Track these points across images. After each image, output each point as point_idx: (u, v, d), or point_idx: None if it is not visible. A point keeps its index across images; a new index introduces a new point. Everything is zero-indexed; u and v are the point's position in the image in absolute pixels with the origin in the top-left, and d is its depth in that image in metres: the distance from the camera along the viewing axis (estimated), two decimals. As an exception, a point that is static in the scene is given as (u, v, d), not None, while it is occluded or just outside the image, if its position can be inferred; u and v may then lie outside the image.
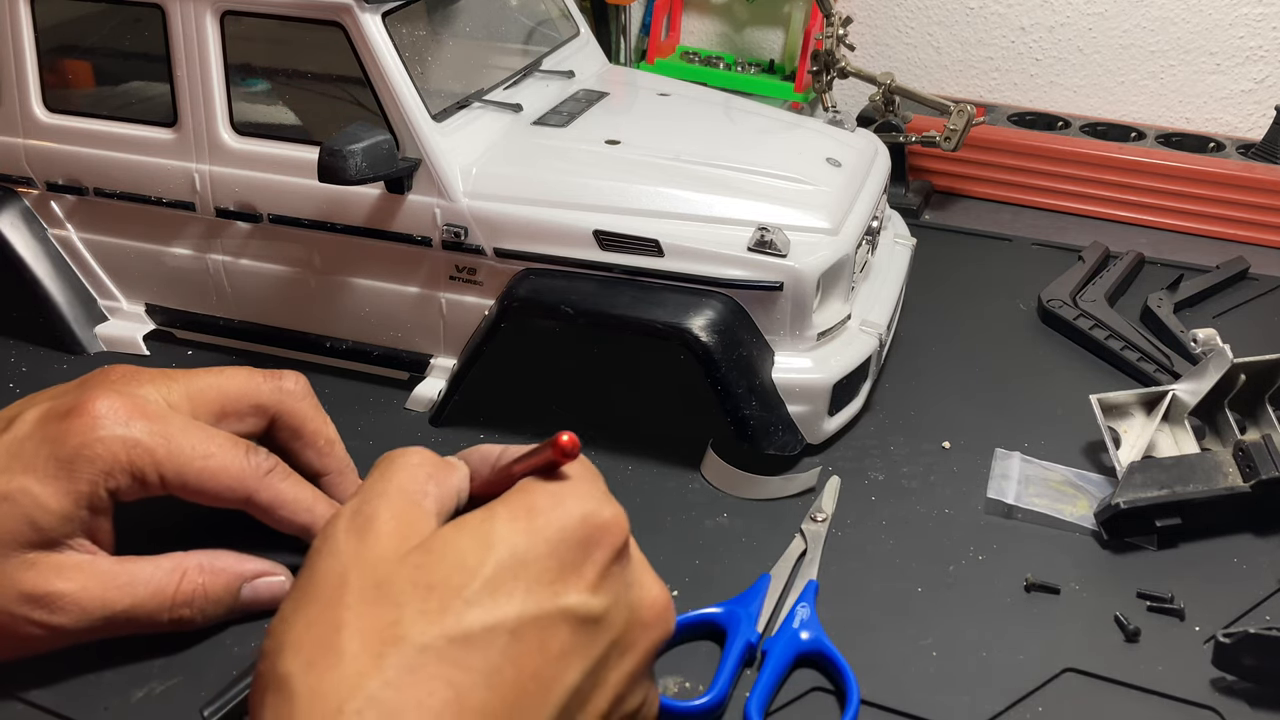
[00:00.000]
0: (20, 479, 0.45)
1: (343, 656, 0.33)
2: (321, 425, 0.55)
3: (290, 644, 0.35)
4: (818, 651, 0.51)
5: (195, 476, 0.48)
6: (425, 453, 0.43)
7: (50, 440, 0.45)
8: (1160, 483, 0.58)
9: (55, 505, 0.45)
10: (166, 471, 0.47)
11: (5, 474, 0.45)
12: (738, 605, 0.53)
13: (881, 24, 1.13)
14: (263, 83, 0.69)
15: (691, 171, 0.66)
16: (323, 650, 0.34)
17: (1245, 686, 0.50)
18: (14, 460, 0.45)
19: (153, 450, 0.47)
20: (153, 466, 0.47)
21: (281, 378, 0.53)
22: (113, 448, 0.46)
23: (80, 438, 0.45)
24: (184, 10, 0.65)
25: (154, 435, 0.47)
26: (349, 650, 0.33)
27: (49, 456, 0.45)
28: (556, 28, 0.81)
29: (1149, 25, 1.04)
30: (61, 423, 0.46)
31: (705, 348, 0.60)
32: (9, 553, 0.45)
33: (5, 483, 0.45)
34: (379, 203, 0.65)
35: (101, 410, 0.46)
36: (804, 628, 0.52)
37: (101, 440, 0.46)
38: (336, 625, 0.34)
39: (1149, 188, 0.95)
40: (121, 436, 0.46)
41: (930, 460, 0.65)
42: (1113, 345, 0.75)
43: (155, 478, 0.47)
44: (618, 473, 0.64)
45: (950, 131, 0.90)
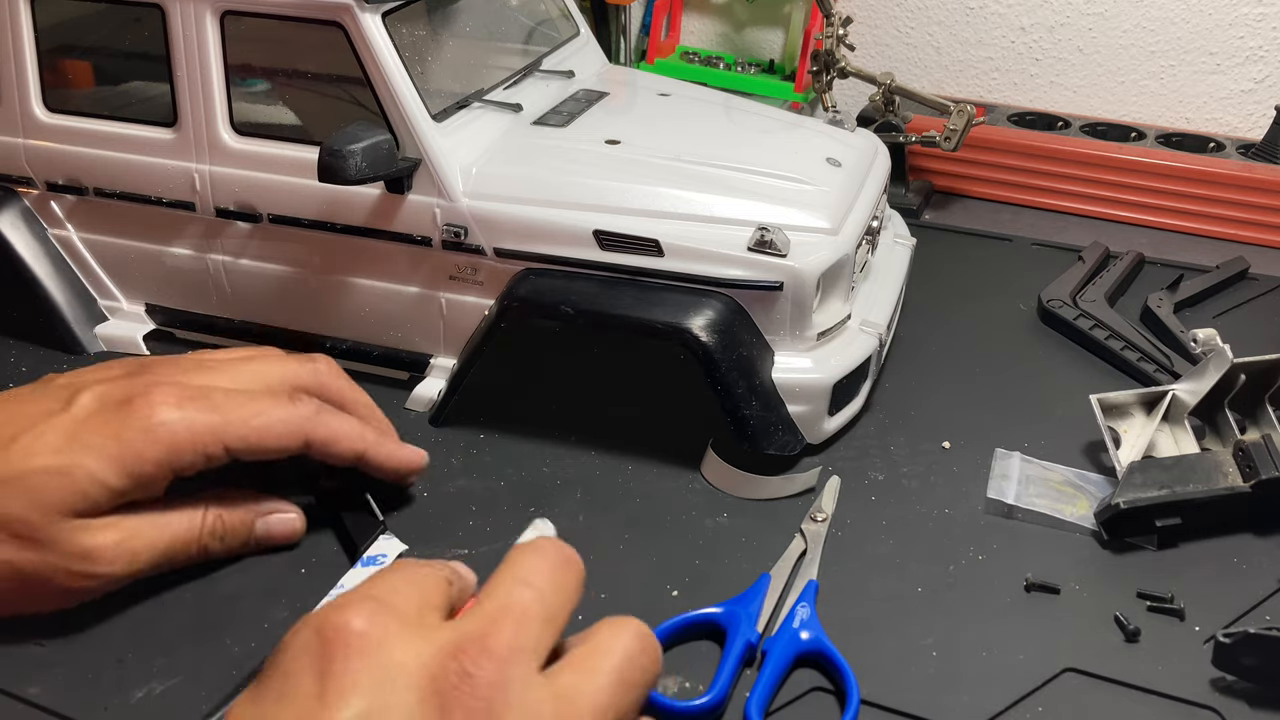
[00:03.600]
0: (79, 457, 0.48)
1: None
2: (359, 394, 0.59)
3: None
4: (818, 651, 0.51)
5: (256, 435, 0.52)
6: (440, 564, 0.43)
7: (112, 424, 0.49)
8: (1160, 483, 0.58)
9: (114, 483, 0.48)
10: (229, 440, 0.51)
11: (65, 452, 0.48)
12: (738, 605, 0.53)
13: (881, 24, 1.13)
14: (263, 83, 0.69)
15: (691, 171, 0.66)
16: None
17: (1245, 686, 0.50)
18: (74, 440, 0.48)
19: (211, 425, 0.51)
20: (215, 440, 0.51)
21: (315, 360, 0.57)
22: (175, 430, 0.50)
23: (143, 423, 0.49)
24: (184, 10, 0.65)
25: (208, 412, 0.51)
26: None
27: (114, 441, 0.48)
28: (556, 28, 0.81)
29: (1149, 25, 1.04)
30: (120, 410, 0.49)
31: (705, 348, 0.60)
32: (59, 519, 0.48)
33: (64, 459, 0.48)
34: (379, 203, 0.65)
35: (157, 399, 0.50)
36: (804, 627, 0.52)
37: (164, 424, 0.49)
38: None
39: (1149, 188, 0.95)
40: (180, 419, 0.50)
41: (930, 460, 0.65)
42: (1113, 345, 0.75)
43: (219, 449, 0.51)
44: (618, 473, 0.64)
45: (950, 131, 0.90)
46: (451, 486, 0.63)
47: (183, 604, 0.54)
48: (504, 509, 0.61)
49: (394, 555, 0.55)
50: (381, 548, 0.55)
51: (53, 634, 0.52)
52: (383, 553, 0.55)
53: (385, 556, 0.55)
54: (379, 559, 0.55)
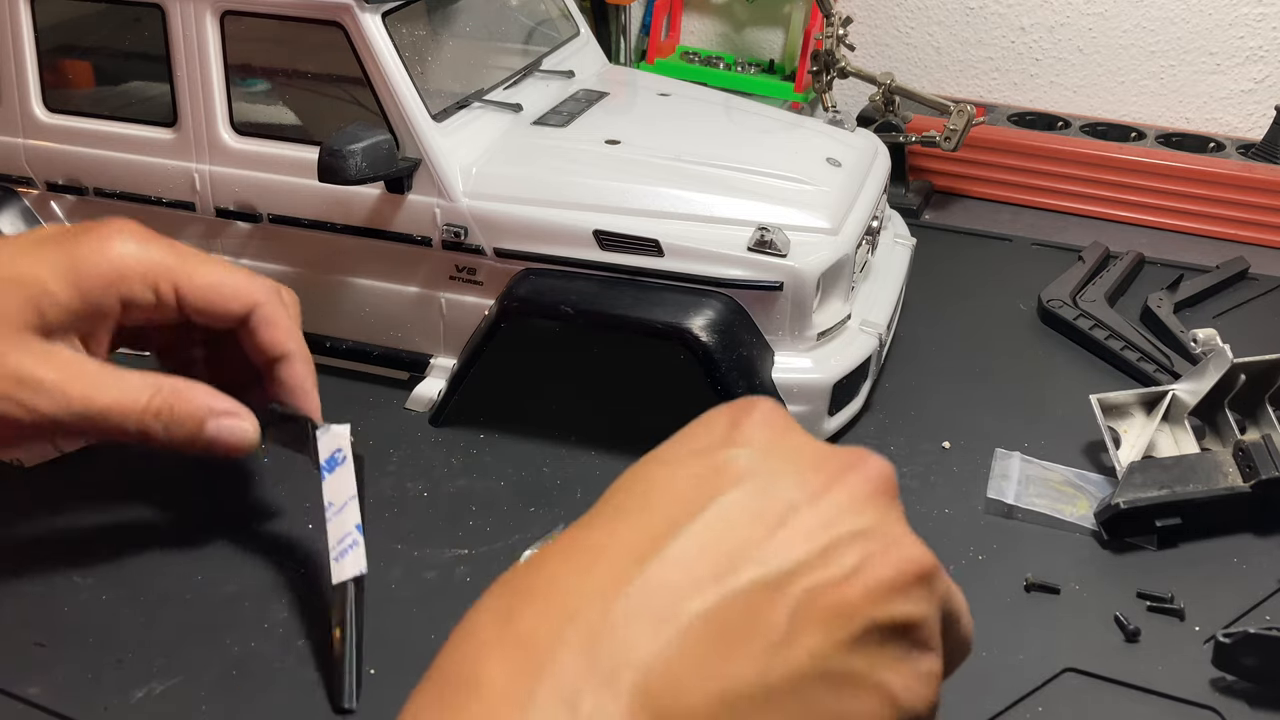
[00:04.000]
0: (34, 268, 0.48)
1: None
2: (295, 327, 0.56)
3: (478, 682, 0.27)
4: None
5: (208, 286, 0.51)
6: None
7: (69, 244, 0.48)
8: (1160, 483, 0.58)
9: (64, 298, 0.48)
10: (180, 280, 0.50)
11: (18, 261, 0.48)
12: None
13: (881, 24, 1.13)
14: (263, 83, 0.69)
15: (691, 171, 0.66)
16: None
17: (1245, 686, 0.50)
18: (29, 253, 0.48)
19: (166, 263, 0.50)
20: (167, 277, 0.50)
21: (281, 290, 0.55)
22: (129, 260, 0.49)
23: (100, 245, 0.49)
24: (184, 10, 0.65)
25: (166, 251, 0.50)
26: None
27: (67, 256, 0.48)
28: (556, 28, 0.81)
29: (1149, 25, 1.04)
30: (81, 234, 0.49)
31: (705, 348, 0.60)
32: (6, 331, 0.47)
33: (18, 268, 0.47)
34: (379, 203, 0.65)
35: (121, 228, 0.50)
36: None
37: (121, 254, 0.49)
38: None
39: (1149, 188, 0.95)
40: (139, 250, 0.50)
41: (930, 460, 0.65)
42: (1113, 345, 0.75)
43: (170, 290, 0.50)
44: (618, 473, 0.64)
45: (950, 131, 0.90)
46: (451, 486, 0.63)
47: (183, 604, 0.54)
48: (504, 509, 0.61)
49: (347, 445, 0.52)
50: (331, 445, 0.52)
51: (53, 634, 0.52)
52: (337, 449, 0.52)
53: (341, 451, 0.51)
54: (337, 457, 0.52)
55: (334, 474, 0.50)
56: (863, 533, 0.30)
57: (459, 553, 0.58)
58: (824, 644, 0.28)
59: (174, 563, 0.57)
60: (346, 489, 0.47)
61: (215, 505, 0.61)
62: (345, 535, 0.48)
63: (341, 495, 0.49)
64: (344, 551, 0.47)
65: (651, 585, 0.28)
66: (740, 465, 0.31)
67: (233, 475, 0.63)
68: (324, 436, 0.51)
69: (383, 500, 0.61)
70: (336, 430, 0.51)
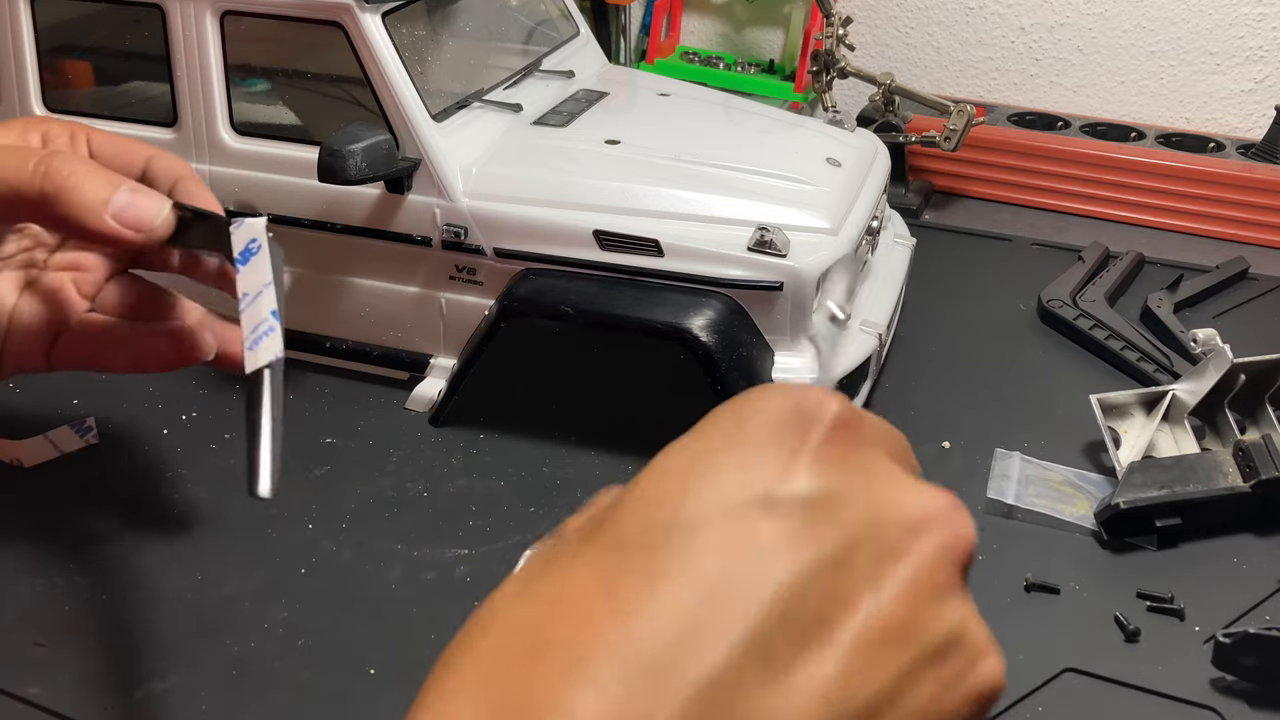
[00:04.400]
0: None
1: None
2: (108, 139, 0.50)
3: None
4: None
5: (112, 138, 0.47)
6: None
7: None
8: (1160, 483, 0.58)
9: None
10: (91, 135, 0.47)
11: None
12: None
13: (881, 24, 1.13)
14: (263, 83, 0.69)
15: (691, 171, 0.66)
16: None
17: (1245, 686, 0.50)
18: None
19: (80, 125, 0.46)
20: (81, 132, 0.47)
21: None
22: (49, 117, 0.48)
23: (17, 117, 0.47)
24: (184, 10, 0.65)
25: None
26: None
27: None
28: (556, 28, 0.81)
29: (1149, 25, 1.04)
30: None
31: (705, 348, 0.60)
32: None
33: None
34: (379, 203, 0.65)
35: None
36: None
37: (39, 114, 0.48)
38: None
39: (1149, 188, 0.95)
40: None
41: (930, 460, 0.65)
42: (1113, 345, 0.75)
43: (83, 140, 0.47)
44: (618, 473, 0.64)
45: (950, 131, 0.90)
46: (451, 486, 0.63)
47: (183, 604, 0.54)
48: (504, 509, 0.61)
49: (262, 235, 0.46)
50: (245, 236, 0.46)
51: (53, 634, 0.52)
52: (251, 239, 0.47)
53: (256, 241, 0.47)
54: (251, 248, 0.47)
55: (248, 264, 0.46)
56: (945, 649, 0.27)
57: (459, 553, 0.58)
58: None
59: (174, 563, 0.57)
60: (262, 277, 0.44)
61: (215, 505, 0.61)
62: (260, 322, 0.44)
63: (256, 284, 0.45)
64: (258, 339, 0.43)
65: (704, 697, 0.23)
66: (800, 524, 0.26)
67: (233, 475, 0.63)
68: (239, 230, 0.47)
69: (383, 500, 0.61)
70: (252, 222, 0.47)
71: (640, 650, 0.23)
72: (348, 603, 0.55)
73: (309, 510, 0.60)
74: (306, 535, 0.58)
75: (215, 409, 0.68)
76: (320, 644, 0.52)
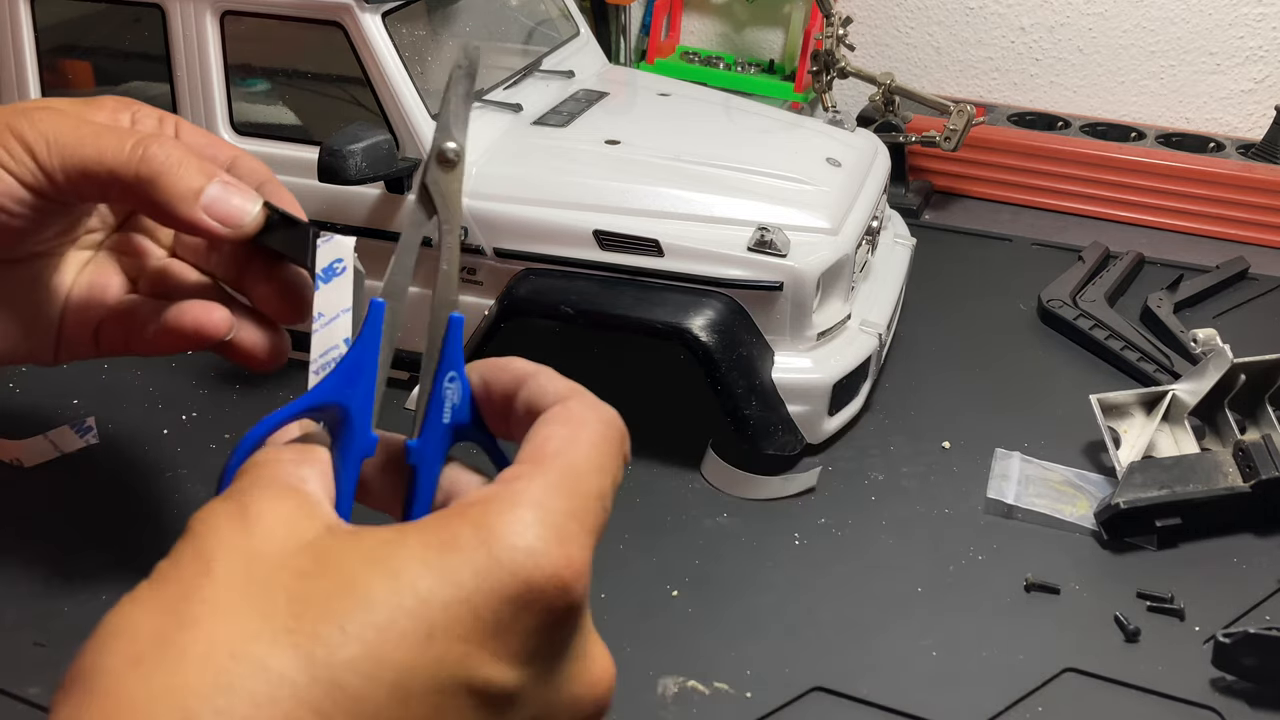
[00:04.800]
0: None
1: (180, 660, 0.26)
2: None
3: (122, 631, 0.27)
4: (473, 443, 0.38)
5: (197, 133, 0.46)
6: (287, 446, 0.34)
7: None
8: (1160, 483, 0.58)
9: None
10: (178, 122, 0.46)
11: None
12: (347, 382, 0.37)
13: (881, 24, 1.13)
14: (263, 83, 0.69)
15: (691, 171, 0.66)
16: (157, 646, 0.26)
17: (1245, 686, 0.50)
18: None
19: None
20: (170, 119, 0.46)
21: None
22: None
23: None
24: (184, 10, 0.65)
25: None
26: (190, 654, 0.25)
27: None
28: (556, 28, 0.81)
29: (1149, 25, 1.04)
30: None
31: (705, 348, 0.60)
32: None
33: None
34: (379, 203, 0.65)
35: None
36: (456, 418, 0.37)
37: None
38: (183, 620, 0.26)
39: (1149, 188, 0.95)
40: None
41: (930, 460, 0.65)
42: (1113, 345, 0.75)
43: (171, 125, 0.46)
44: (618, 473, 0.64)
45: (950, 131, 0.90)
46: (451, 486, 0.63)
47: (183, 604, 0.54)
48: (504, 509, 0.61)
49: (349, 257, 0.45)
50: (331, 254, 0.45)
51: (53, 634, 0.52)
52: (337, 259, 0.45)
53: (342, 261, 0.45)
54: (336, 267, 0.45)
55: (330, 284, 0.45)
56: None
57: (459, 553, 0.58)
58: None
59: (174, 563, 0.57)
60: (341, 301, 0.43)
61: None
62: (332, 348, 0.43)
63: (334, 307, 0.44)
64: (327, 364, 0.42)
65: None
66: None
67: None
68: (325, 245, 0.46)
69: (383, 500, 0.61)
70: (340, 240, 0.46)
71: None
72: (348, 603, 0.54)
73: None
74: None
75: (215, 409, 0.68)
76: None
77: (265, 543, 0.28)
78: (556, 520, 0.28)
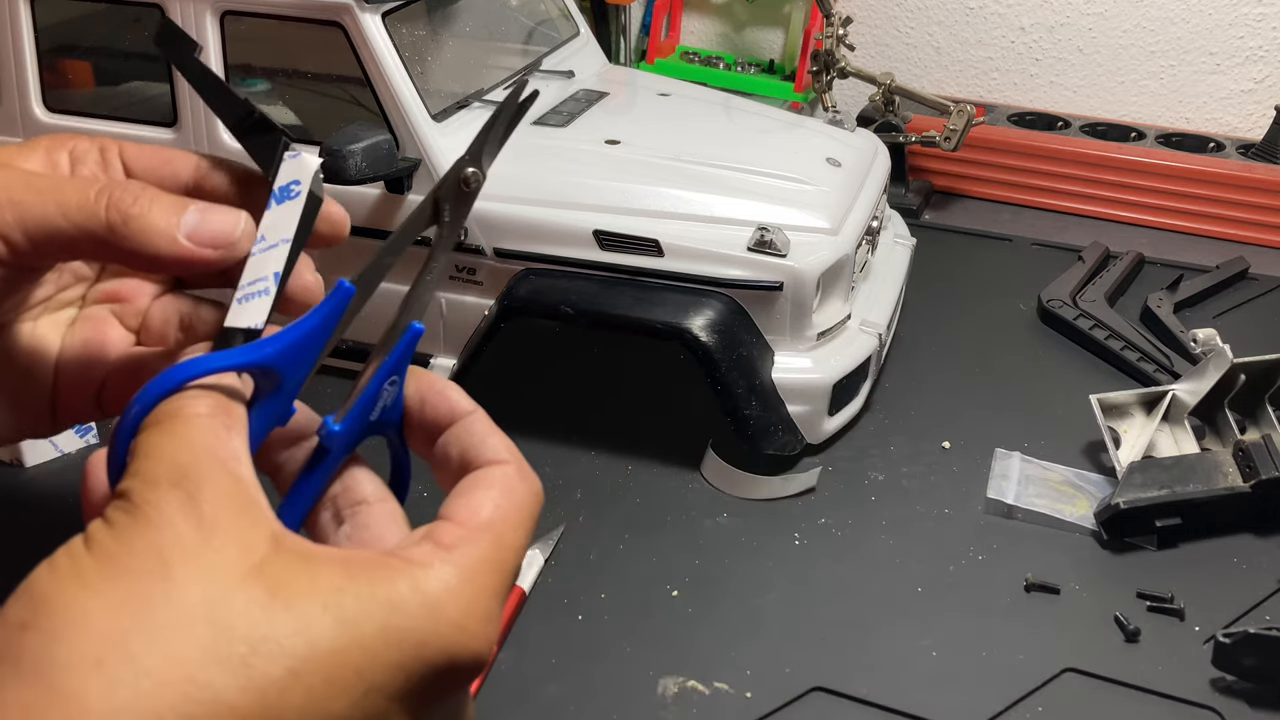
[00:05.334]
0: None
1: (145, 678, 0.25)
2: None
3: (76, 621, 0.26)
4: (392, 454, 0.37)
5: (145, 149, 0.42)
6: (203, 393, 0.32)
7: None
8: (1160, 483, 0.58)
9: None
10: (123, 149, 0.42)
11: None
12: (295, 352, 0.36)
13: (881, 24, 1.13)
14: (263, 83, 0.69)
15: (691, 171, 0.66)
16: (121, 656, 0.26)
17: (1245, 686, 0.50)
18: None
19: (111, 140, 0.41)
20: (113, 147, 0.42)
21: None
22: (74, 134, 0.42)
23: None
24: (184, 10, 0.65)
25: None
26: (155, 674, 0.25)
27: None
28: (556, 28, 0.81)
29: (1149, 25, 1.04)
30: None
31: (705, 348, 0.60)
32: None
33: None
34: (379, 203, 0.65)
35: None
36: (382, 418, 0.36)
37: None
38: (145, 631, 0.26)
39: (1149, 188, 0.95)
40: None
41: (930, 460, 0.65)
42: (1113, 345, 0.75)
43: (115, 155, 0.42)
44: (618, 473, 0.64)
45: (950, 131, 0.90)
46: (451, 486, 0.63)
47: (183, 604, 0.54)
48: (504, 509, 0.61)
49: (307, 180, 0.43)
50: (292, 173, 0.42)
51: (53, 634, 0.52)
52: (294, 179, 0.43)
53: (299, 184, 0.43)
54: (292, 189, 0.43)
55: (281, 206, 0.42)
56: None
57: (459, 553, 0.58)
58: None
59: (174, 563, 0.57)
60: (285, 228, 0.40)
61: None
62: (259, 279, 0.40)
63: (276, 233, 0.41)
64: (249, 296, 0.39)
65: None
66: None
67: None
68: (290, 160, 0.43)
69: (383, 500, 0.61)
70: (305, 160, 0.42)
71: None
72: (348, 603, 0.55)
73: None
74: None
75: (215, 409, 0.68)
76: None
77: (221, 554, 0.28)
78: (487, 601, 0.30)
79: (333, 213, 0.43)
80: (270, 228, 0.41)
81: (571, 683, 0.50)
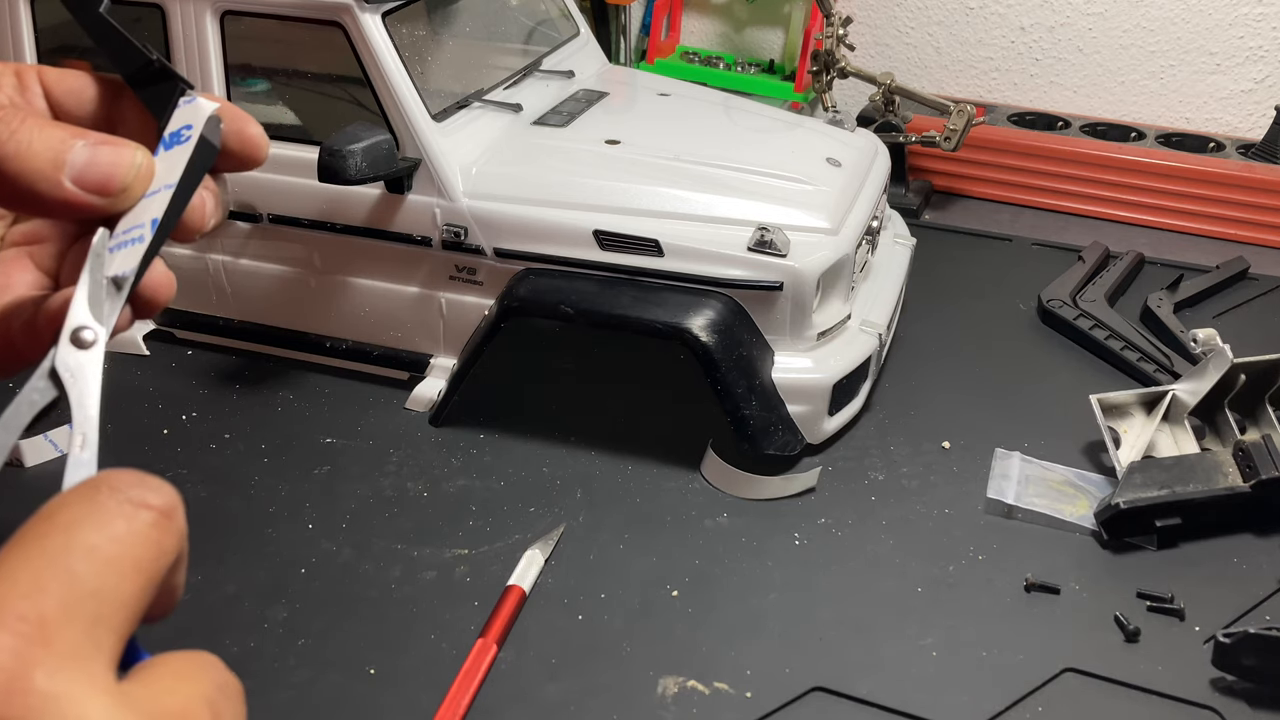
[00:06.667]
0: None
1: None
2: None
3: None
4: None
5: (59, 72, 0.38)
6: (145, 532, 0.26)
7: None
8: (1160, 483, 0.58)
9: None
10: (41, 71, 0.38)
11: None
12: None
13: (881, 24, 1.13)
14: (263, 83, 0.69)
15: (691, 171, 0.66)
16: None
17: (1245, 686, 0.50)
18: None
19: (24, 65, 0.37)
20: (29, 70, 0.38)
21: None
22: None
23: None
24: (184, 10, 0.65)
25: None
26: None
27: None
28: (556, 28, 0.81)
29: (1149, 25, 1.04)
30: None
31: (705, 348, 0.60)
32: None
33: None
34: (379, 203, 0.65)
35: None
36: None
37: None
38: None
39: (1149, 188, 0.95)
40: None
41: (930, 460, 0.65)
42: (1113, 345, 0.75)
43: (32, 78, 0.38)
44: (618, 473, 0.64)
45: (950, 131, 0.90)
46: (451, 486, 0.63)
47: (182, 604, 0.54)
48: (504, 509, 0.61)
49: (199, 125, 0.39)
50: (183, 119, 0.40)
51: (53, 634, 0.52)
52: (186, 124, 0.40)
53: (190, 129, 0.40)
54: (182, 135, 0.40)
55: (170, 151, 0.39)
56: None
57: (459, 553, 0.58)
58: None
59: (174, 563, 0.57)
60: (169, 174, 0.38)
61: (215, 505, 0.61)
62: (136, 226, 0.37)
63: (160, 179, 0.38)
64: (124, 244, 0.37)
65: None
66: None
67: (233, 475, 0.63)
68: (185, 107, 0.40)
69: (383, 500, 0.61)
70: (201, 104, 0.40)
71: None
72: (348, 603, 0.55)
73: (309, 510, 0.60)
74: (306, 535, 0.58)
75: (215, 409, 0.68)
76: (320, 644, 0.52)
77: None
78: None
79: (248, 131, 0.38)
80: (157, 174, 0.38)
81: (571, 683, 0.50)
